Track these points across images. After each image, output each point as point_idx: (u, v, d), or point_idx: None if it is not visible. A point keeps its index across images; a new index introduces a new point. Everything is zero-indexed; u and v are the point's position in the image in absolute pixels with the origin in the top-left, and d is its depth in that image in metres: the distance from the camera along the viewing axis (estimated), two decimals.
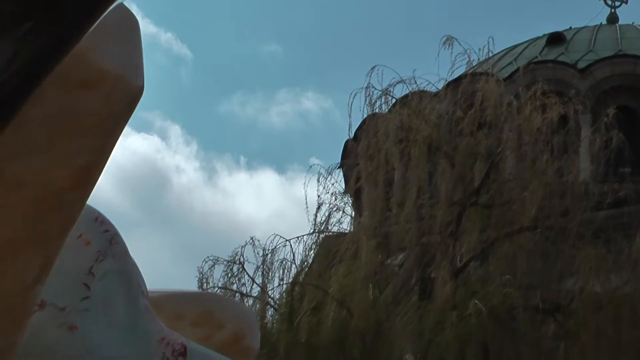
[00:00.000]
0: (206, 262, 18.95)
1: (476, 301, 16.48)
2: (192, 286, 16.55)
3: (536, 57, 26.55)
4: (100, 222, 1.92)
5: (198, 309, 2.35)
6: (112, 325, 1.89)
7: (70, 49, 1.29)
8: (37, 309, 1.68)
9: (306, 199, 19.19)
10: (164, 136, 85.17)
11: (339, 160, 22.28)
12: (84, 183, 1.57)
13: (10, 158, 1.41)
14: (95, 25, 1.40)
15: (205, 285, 18.32)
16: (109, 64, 1.59)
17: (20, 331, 1.48)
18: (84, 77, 1.56)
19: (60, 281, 1.73)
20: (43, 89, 1.30)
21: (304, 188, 19.30)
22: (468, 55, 19.60)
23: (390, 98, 19.46)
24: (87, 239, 1.87)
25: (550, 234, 17.62)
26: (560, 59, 26.31)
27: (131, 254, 2.11)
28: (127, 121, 1.68)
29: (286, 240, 18.61)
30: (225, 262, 18.96)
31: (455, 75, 19.79)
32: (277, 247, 18.53)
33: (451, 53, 19.47)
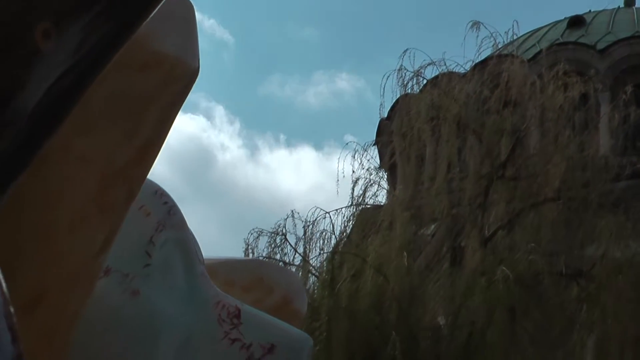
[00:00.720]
0: (251, 233, 19.04)
1: (503, 267, 16.46)
2: (239, 256, 16.62)
3: (558, 39, 26.44)
4: (160, 195, 1.93)
5: (249, 275, 2.35)
6: (172, 290, 1.90)
7: (133, 33, 1.29)
8: (102, 275, 1.69)
9: (343, 174, 19.21)
10: (209, 116, 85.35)
11: (374, 138, 22.23)
12: (145, 158, 1.58)
13: (77, 136, 1.42)
14: (155, 10, 1.40)
15: (251, 255, 18.38)
16: (167, 48, 1.60)
17: (87, 295, 1.49)
18: (144, 61, 1.56)
19: (123, 249, 1.74)
20: (106, 71, 1.31)
21: (341, 164, 19.31)
22: (494, 38, 19.54)
23: (421, 79, 19.46)
24: (147, 211, 1.88)
25: (573, 204, 17.57)
26: (581, 40, 26.19)
27: None
28: (184, 100, 1.69)
29: (326, 212, 18.64)
30: (269, 234, 19.04)
31: (482, 57, 19.72)
32: (317, 219, 18.58)
33: (477, 36, 19.42)
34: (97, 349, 1.80)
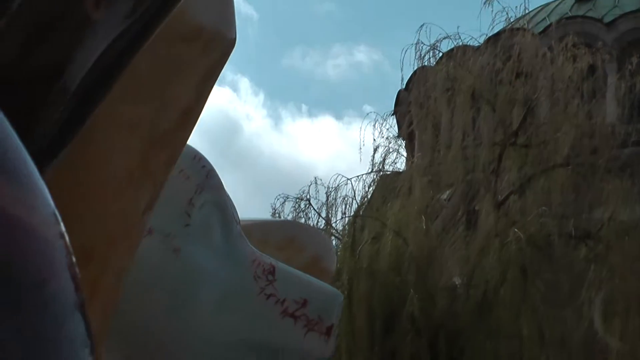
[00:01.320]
0: (277, 199, 19.11)
1: (516, 230, 16.49)
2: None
3: (567, 13, 26.27)
4: (198, 160, 1.94)
5: (281, 235, 2.37)
6: (211, 248, 1.90)
7: (178, 2, 1.30)
8: (146, 234, 1.70)
9: (363, 142, 19.23)
10: (234, 88, 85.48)
11: (391, 108, 22.23)
12: (186, 124, 1.59)
13: (124, 103, 1.43)
14: None
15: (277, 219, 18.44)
16: (206, 21, 1.60)
17: (133, 253, 1.50)
18: (185, 32, 1.57)
19: (165, 210, 1.75)
20: (151, 42, 1.31)
21: (361, 132, 19.34)
22: (506, 13, 19.46)
23: (437, 52, 19.42)
24: (187, 174, 1.89)
25: (581, 170, 17.55)
26: (589, 14, 26.03)
27: None
28: (221, 70, 1.69)
29: (347, 179, 18.66)
30: (294, 199, 19.10)
31: (495, 31, 19.65)
32: (339, 185, 18.60)
33: (491, 11, 19.36)
34: (142, 304, 1.82)
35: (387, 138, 19.55)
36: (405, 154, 20.48)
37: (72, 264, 0.78)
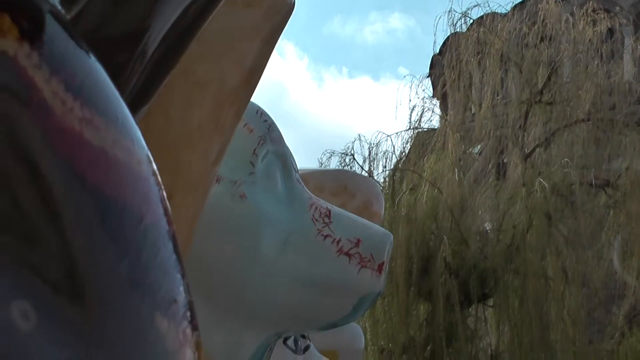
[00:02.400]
0: (324, 154, 19.09)
1: (541, 180, 16.45)
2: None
3: None
4: (260, 114, 1.94)
5: (335, 182, 2.37)
6: (273, 194, 1.91)
7: None
8: (215, 183, 1.71)
9: (400, 102, 19.27)
10: (281, 53, 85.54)
11: (424, 70, 22.34)
12: (251, 82, 1.59)
13: (197, 62, 1.44)
14: None
15: None
16: None
17: (205, 198, 1.51)
18: None
19: (232, 160, 1.75)
20: (219, 7, 1.31)
21: (399, 93, 19.39)
22: None
23: (468, 19, 19.28)
24: (250, 127, 1.90)
25: (601, 124, 17.46)
26: None
27: None
28: (281, 32, 1.69)
29: (387, 135, 18.59)
30: (339, 154, 19.08)
31: None
32: (380, 141, 18.53)
33: None
34: (212, 245, 1.83)
35: (422, 98, 19.52)
36: (439, 112, 20.37)
37: (164, 198, 0.79)
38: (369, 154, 18.79)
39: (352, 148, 18.87)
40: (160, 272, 0.74)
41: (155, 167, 0.80)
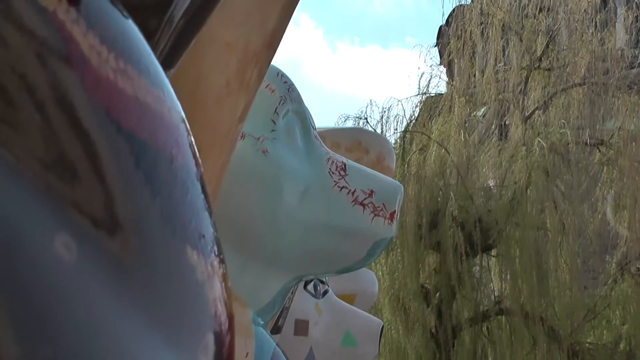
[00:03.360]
0: (340, 118, 19.04)
1: (540, 139, 16.40)
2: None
3: None
4: (281, 76, 1.94)
5: (350, 139, 2.37)
6: (293, 150, 1.91)
7: None
8: (240, 139, 1.71)
9: (410, 69, 19.20)
10: (297, 23, 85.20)
11: (431, 39, 22.22)
12: (273, 44, 1.58)
13: (222, 26, 1.43)
14: None
15: None
16: None
17: (231, 153, 1.52)
18: None
19: (255, 118, 1.75)
20: None
21: (408, 61, 19.35)
22: None
23: None
24: (272, 88, 1.89)
25: (595, 88, 17.36)
26: None
27: None
28: None
29: (398, 100, 18.53)
30: (353, 118, 19.04)
31: None
32: (391, 106, 18.46)
33: None
34: (237, 196, 1.83)
35: (430, 66, 19.49)
36: (446, 79, 20.29)
37: (192, 144, 0.79)
38: (381, 118, 18.74)
39: (366, 112, 18.82)
40: (189, 209, 0.75)
41: (184, 115, 0.80)
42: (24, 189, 0.64)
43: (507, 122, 18.16)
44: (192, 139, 0.79)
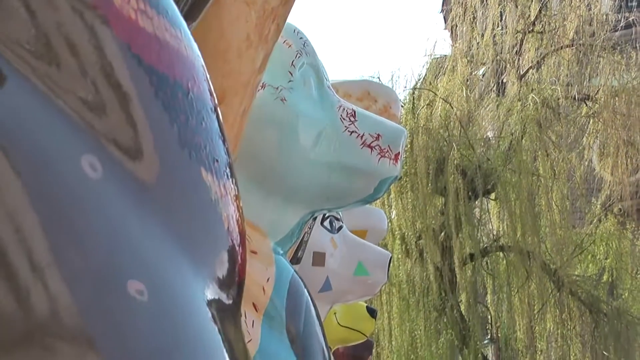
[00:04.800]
0: (354, 77, 18.97)
1: (533, 95, 16.33)
2: None
3: None
4: (297, 32, 1.92)
5: (360, 89, 2.35)
6: (308, 98, 1.90)
7: None
8: (260, 88, 1.69)
9: (418, 34, 19.03)
10: None
11: (440, 8, 21.90)
12: (288, 2, 1.57)
13: None
14: None
15: None
16: None
17: (252, 100, 1.51)
18: None
19: (274, 70, 1.74)
20: None
21: (416, 26, 19.19)
22: None
23: None
24: (289, 43, 1.88)
25: (583, 49, 17.25)
26: None
27: None
28: None
29: (407, 61, 18.43)
30: (368, 77, 18.95)
31: None
32: (402, 66, 18.39)
33: None
34: (259, 139, 1.83)
35: (436, 31, 19.41)
36: (450, 42, 20.15)
37: (208, 80, 0.79)
38: (392, 77, 18.66)
39: (378, 72, 18.74)
40: (204, 136, 0.74)
41: (199, 53, 0.79)
42: (55, 116, 0.64)
43: (504, 80, 18.06)
44: (208, 76, 0.79)
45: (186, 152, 0.71)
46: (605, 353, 16.44)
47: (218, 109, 0.79)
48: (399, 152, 1.99)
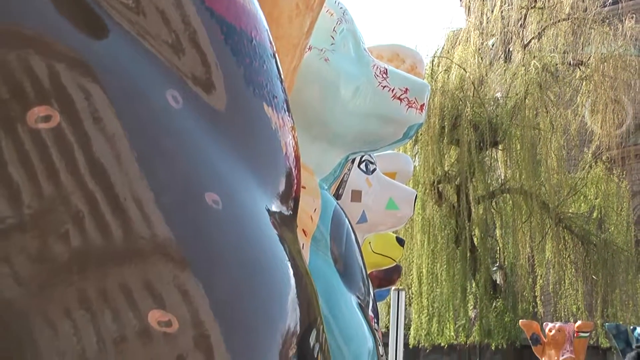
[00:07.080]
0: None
1: (535, 61, 16.14)
2: None
3: None
4: (338, 3, 1.90)
5: (390, 52, 2.32)
6: (348, 58, 1.88)
7: None
8: (307, 50, 1.67)
9: (436, 11, 18.75)
10: None
11: None
12: None
13: None
14: None
15: None
16: None
17: (301, 59, 1.49)
18: None
19: (318, 35, 1.72)
20: None
21: (435, 6, 18.87)
22: None
23: None
24: (331, 12, 1.85)
25: (577, 22, 17.00)
26: None
27: None
28: None
29: (428, 33, 18.20)
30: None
31: None
32: (423, 38, 18.17)
33: None
34: (307, 93, 1.82)
35: (452, 7, 19.11)
36: (464, 16, 19.85)
37: (268, 30, 0.78)
38: (415, 47, 18.44)
39: (404, 43, 18.50)
40: (266, 76, 0.74)
41: (260, 8, 0.79)
42: (146, 58, 0.64)
43: (510, 49, 17.82)
44: (268, 27, 0.78)
45: (250, 88, 0.71)
46: (594, 277, 16.44)
47: (277, 55, 0.78)
48: (424, 103, 1.97)
